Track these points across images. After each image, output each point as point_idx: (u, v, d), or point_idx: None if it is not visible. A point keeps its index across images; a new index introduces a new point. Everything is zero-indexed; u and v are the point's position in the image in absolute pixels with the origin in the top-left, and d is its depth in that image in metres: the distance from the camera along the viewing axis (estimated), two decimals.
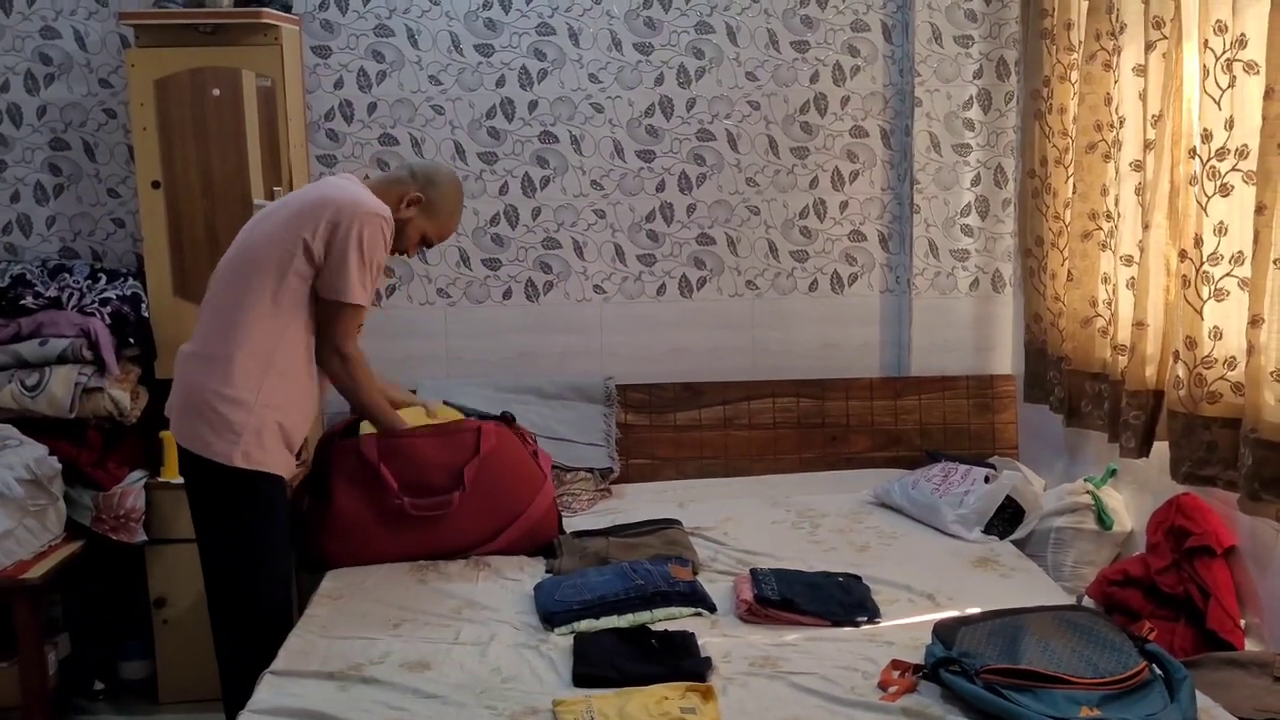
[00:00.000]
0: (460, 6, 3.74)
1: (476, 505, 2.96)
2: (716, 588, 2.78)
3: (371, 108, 3.76)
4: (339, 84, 3.75)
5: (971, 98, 3.84)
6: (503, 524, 3.00)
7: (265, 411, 2.64)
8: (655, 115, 3.84)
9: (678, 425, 3.83)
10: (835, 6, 3.83)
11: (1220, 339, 2.50)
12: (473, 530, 2.98)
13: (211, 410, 2.62)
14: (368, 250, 2.64)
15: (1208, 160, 2.47)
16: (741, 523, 3.24)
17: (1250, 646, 2.50)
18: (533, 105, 3.81)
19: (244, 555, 2.70)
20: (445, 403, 3.20)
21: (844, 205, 3.93)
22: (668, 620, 2.54)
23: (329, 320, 2.70)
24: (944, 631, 2.24)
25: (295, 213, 2.68)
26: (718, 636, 2.49)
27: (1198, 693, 2.06)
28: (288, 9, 3.56)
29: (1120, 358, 2.95)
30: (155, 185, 3.41)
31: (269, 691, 2.25)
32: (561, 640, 2.46)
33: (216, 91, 3.38)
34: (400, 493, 2.92)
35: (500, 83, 3.79)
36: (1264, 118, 2.26)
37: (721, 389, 3.87)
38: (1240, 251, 2.45)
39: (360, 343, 2.82)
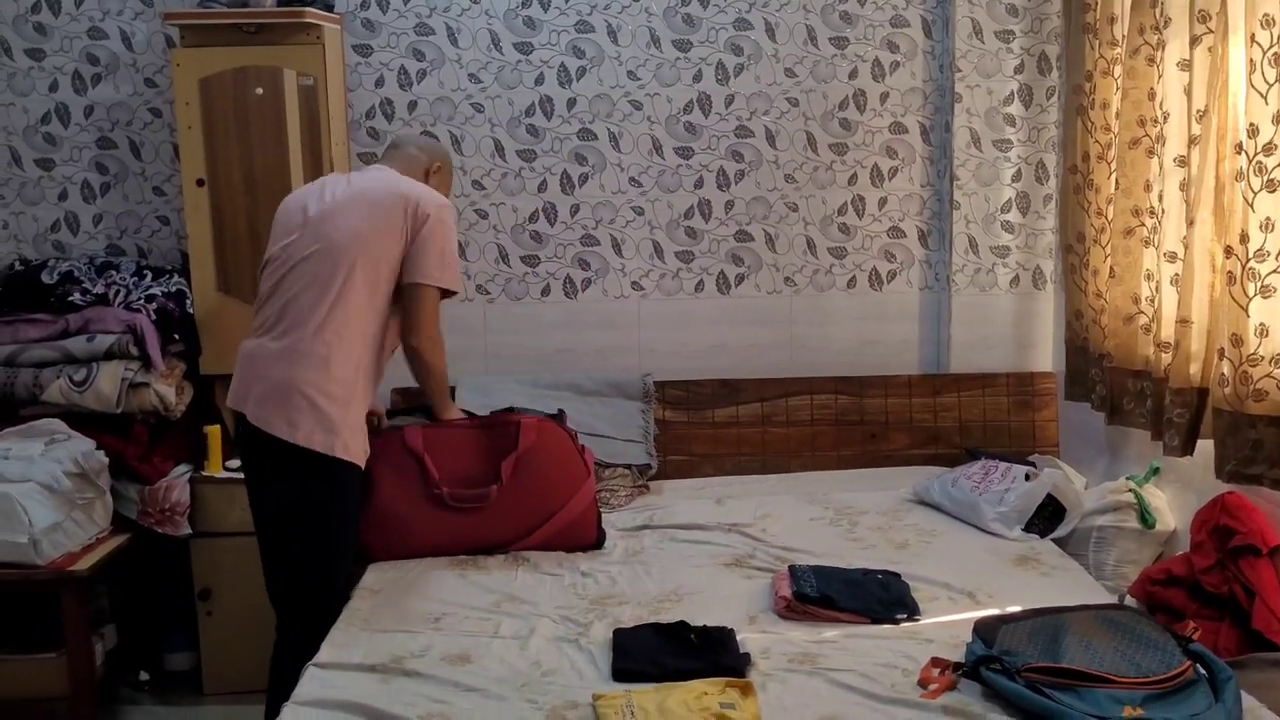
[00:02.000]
0: (500, 5, 3.76)
1: (515, 499, 2.98)
2: (754, 584, 2.79)
3: (412, 105, 3.79)
4: (380, 82, 3.78)
5: (1012, 93, 3.81)
6: (540, 519, 3.01)
7: (360, 406, 2.78)
8: (694, 112, 3.84)
9: (716, 422, 3.83)
10: (875, 2, 3.81)
11: (1267, 336, 2.47)
12: (510, 524, 3.00)
13: (309, 402, 2.69)
14: (450, 240, 2.83)
15: (1254, 156, 2.44)
16: (780, 520, 3.23)
17: None
18: (571, 103, 3.82)
19: (325, 544, 2.78)
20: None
21: (883, 202, 3.91)
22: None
23: (422, 305, 2.81)
24: (985, 629, 2.23)
25: (376, 205, 2.81)
26: (756, 633, 2.49)
27: (1243, 693, 2.04)
28: (330, 8, 3.59)
29: (1163, 355, 2.92)
30: (200, 183, 3.46)
31: (312, 684, 2.28)
32: (601, 635, 2.47)
33: (260, 90, 3.42)
34: (440, 482, 2.95)
35: (539, 80, 3.80)
36: None
37: (759, 386, 3.87)
38: None
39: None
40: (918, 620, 2.55)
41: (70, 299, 3.44)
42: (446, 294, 2.87)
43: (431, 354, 2.87)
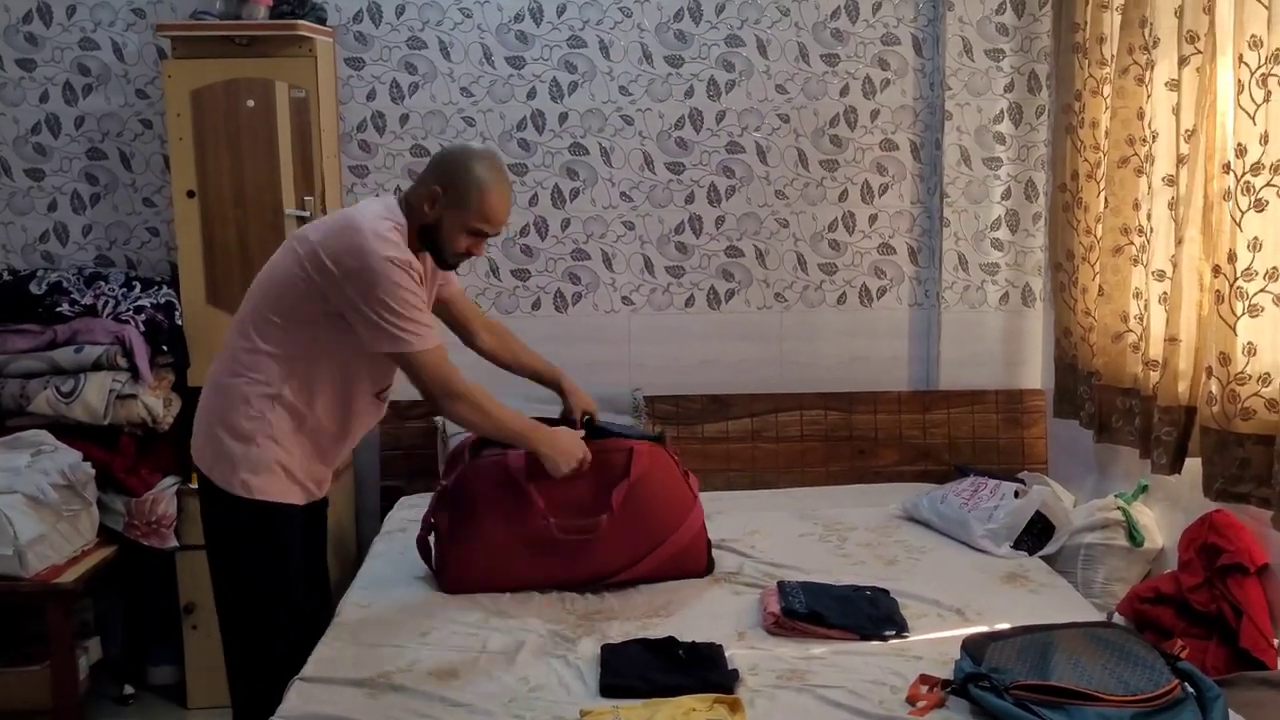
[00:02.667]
0: (492, 19, 3.77)
1: (623, 529, 2.83)
2: (743, 600, 2.78)
3: (404, 119, 3.79)
4: (372, 95, 3.78)
5: (1002, 111, 3.83)
6: (649, 548, 2.84)
7: (278, 451, 2.49)
8: (685, 128, 3.85)
9: (705, 437, 3.83)
10: (866, 20, 3.83)
11: (1254, 355, 2.48)
12: (618, 555, 2.83)
13: (211, 433, 2.52)
14: (389, 298, 2.38)
15: (1242, 175, 2.46)
16: (769, 535, 3.23)
17: None
18: (563, 117, 3.83)
19: (236, 590, 2.58)
20: (590, 421, 2.94)
21: (873, 218, 3.92)
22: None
23: (415, 373, 2.48)
24: (973, 647, 2.23)
25: (291, 245, 2.50)
26: (745, 649, 2.48)
27: (1230, 712, 2.04)
28: (322, 21, 3.60)
29: (1152, 373, 2.93)
30: (190, 195, 3.45)
31: (299, 698, 2.27)
32: (589, 650, 2.46)
33: (251, 102, 3.42)
34: (547, 513, 2.80)
35: (531, 95, 3.81)
36: None
37: (749, 401, 3.87)
38: (1275, 267, 2.44)
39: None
40: (906, 637, 2.54)
41: (58, 310, 3.43)
42: None
43: (465, 412, 2.54)
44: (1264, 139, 2.41)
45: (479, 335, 2.93)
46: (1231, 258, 2.50)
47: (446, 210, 2.49)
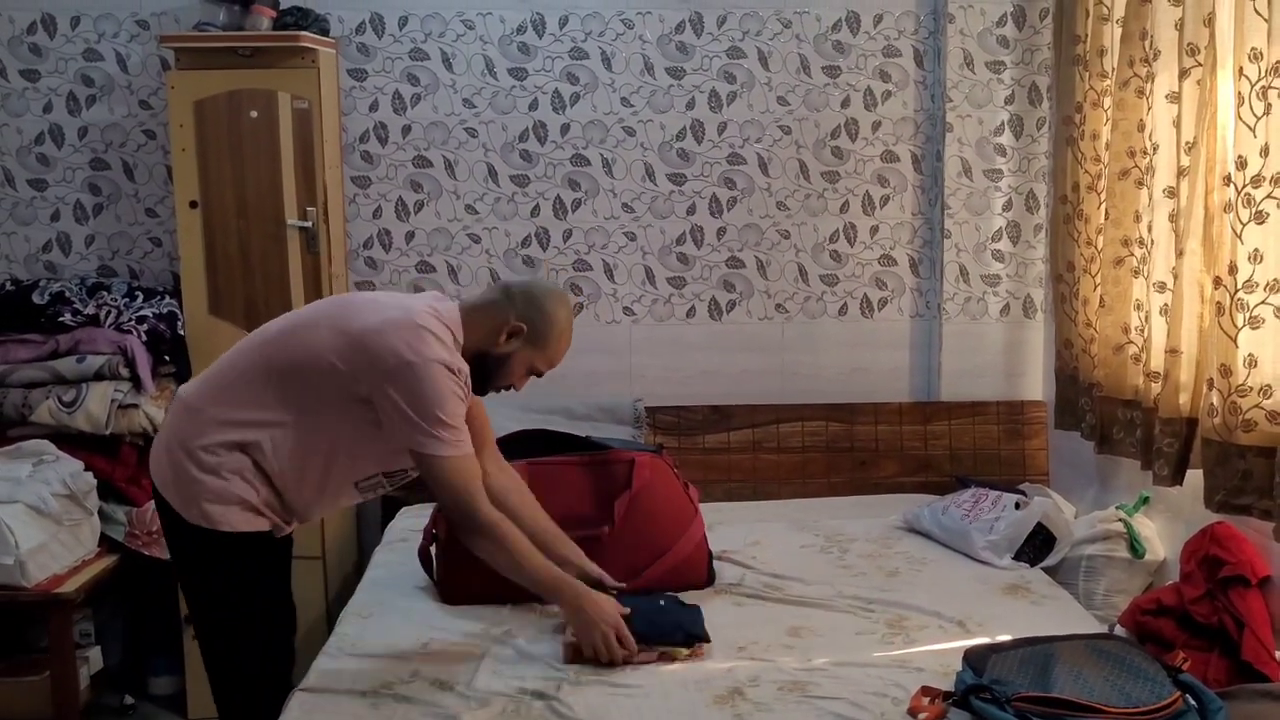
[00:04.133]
0: (495, 31, 3.78)
1: (625, 540, 2.83)
2: (744, 611, 2.78)
3: (406, 130, 3.80)
4: (374, 106, 3.79)
5: (1003, 123, 3.84)
6: (649, 560, 2.84)
7: (243, 488, 2.30)
8: (686, 139, 3.86)
9: (706, 448, 3.83)
10: (867, 32, 3.84)
11: (1255, 367, 2.48)
12: (620, 565, 2.80)
13: (172, 460, 2.34)
14: (434, 400, 2.23)
15: (1242, 187, 2.46)
16: (770, 546, 3.22)
17: None
18: (565, 128, 3.83)
19: (209, 621, 2.44)
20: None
21: (874, 230, 3.93)
22: None
23: (433, 478, 2.30)
24: (975, 658, 2.23)
25: (354, 343, 2.27)
26: (746, 660, 2.48)
27: None
28: (325, 33, 3.61)
29: (1153, 385, 2.93)
30: (193, 205, 3.46)
31: (300, 710, 2.27)
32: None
33: (254, 113, 3.43)
34: None
35: (533, 106, 3.82)
36: None
37: (750, 412, 3.87)
38: (1276, 279, 2.44)
39: None
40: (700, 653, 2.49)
41: (61, 319, 3.43)
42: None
43: (485, 548, 2.35)
44: (1264, 151, 2.41)
45: (484, 458, 2.56)
46: (1232, 269, 2.50)
47: (523, 346, 2.42)
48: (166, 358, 3.48)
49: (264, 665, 2.43)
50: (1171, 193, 2.85)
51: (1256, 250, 2.46)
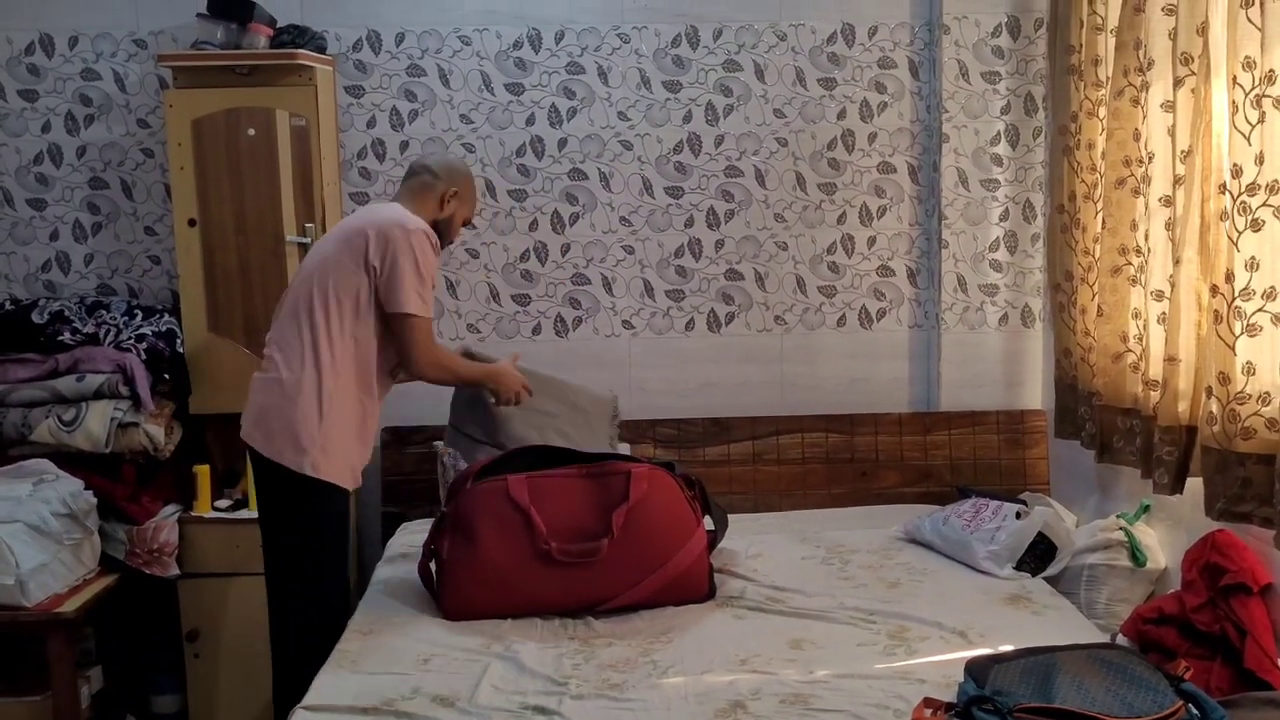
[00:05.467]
0: (491, 46, 3.80)
1: (625, 552, 2.84)
2: (745, 624, 2.78)
3: (404, 146, 3.81)
4: (372, 123, 3.80)
5: (999, 133, 3.85)
6: (649, 571, 2.86)
7: (339, 430, 2.89)
8: (684, 152, 3.87)
9: (706, 460, 3.83)
10: (862, 44, 3.85)
11: (1254, 374, 2.48)
12: (619, 578, 2.84)
13: (282, 423, 2.86)
14: (421, 263, 2.87)
15: (1238, 195, 2.46)
16: (770, 558, 3.22)
17: None
18: (562, 143, 3.85)
19: (301, 569, 2.92)
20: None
21: (872, 241, 3.94)
22: None
23: (407, 336, 2.90)
24: (976, 669, 2.22)
25: (345, 235, 2.92)
26: (748, 673, 2.48)
27: None
28: (322, 50, 3.62)
29: (1152, 393, 2.93)
30: (191, 223, 3.47)
31: None
32: (592, 675, 2.45)
33: (252, 131, 3.44)
34: (548, 537, 2.84)
35: (530, 121, 3.83)
36: None
37: (750, 424, 3.87)
38: (1272, 287, 2.44)
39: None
40: None
41: (60, 338, 3.44)
42: None
43: (438, 373, 3.01)
44: (1259, 159, 2.42)
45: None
46: (1229, 277, 2.51)
47: (459, 207, 3.10)
48: (166, 376, 3.49)
49: (328, 605, 2.95)
50: (1168, 201, 2.86)
51: (1253, 258, 2.46)
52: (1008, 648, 2.43)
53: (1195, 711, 2.06)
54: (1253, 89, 2.41)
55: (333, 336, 2.87)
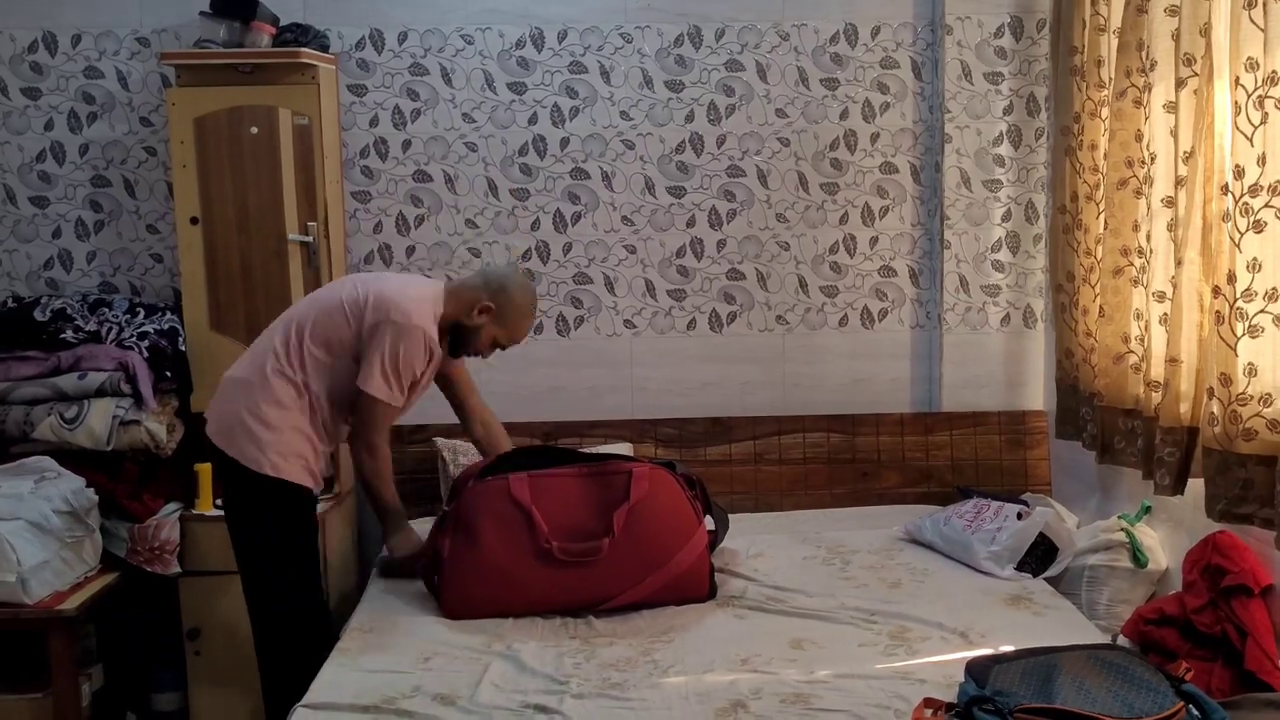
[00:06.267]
0: (494, 45, 3.80)
1: (625, 552, 2.85)
2: (746, 624, 2.78)
3: (406, 145, 3.82)
4: (374, 122, 3.81)
5: (1002, 134, 3.85)
6: (650, 570, 2.87)
7: (297, 440, 2.87)
8: (686, 152, 3.87)
9: (708, 460, 3.83)
10: (865, 44, 3.85)
11: (1255, 376, 2.48)
12: (620, 577, 2.86)
13: (242, 425, 2.86)
14: (399, 357, 2.82)
15: (1240, 197, 2.46)
16: (771, 558, 3.23)
17: None
18: (564, 142, 3.85)
19: (267, 568, 2.91)
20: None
21: (874, 241, 3.94)
22: None
23: (358, 407, 2.89)
24: (977, 670, 2.22)
25: (356, 291, 2.91)
26: (749, 673, 2.48)
27: None
28: (325, 49, 3.62)
29: (1153, 394, 2.93)
30: (194, 221, 3.47)
31: None
32: (593, 674, 2.45)
33: (254, 129, 3.44)
34: (550, 536, 2.84)
35: (533, 120, 3.83)
36: None
37: (751, 424, 3.87)
38: (1274, 288, 2.44)
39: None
40: None
41: (62, 336, 3.44)
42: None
43: (367, 463, 2.97)
44: (1261, 160, 2.42)
45: (473, 425, 3.26)
46: (1231, 279, 2.51)
47: (490, 322, 2.96)
48: (168, 374, 3.48)
49: (304, 612, 2.93)
50: (1170, 202, 2.86)
51: (1255, 259, 2.46)
52: (1008, 648, 2.44)
53: (1196, 712, 2.06)
54: (1255, 90, 2.41)
55: (312, 369, 2.87)
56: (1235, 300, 2.49)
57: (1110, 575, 3.05)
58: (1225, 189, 2.53)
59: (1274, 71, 2.37)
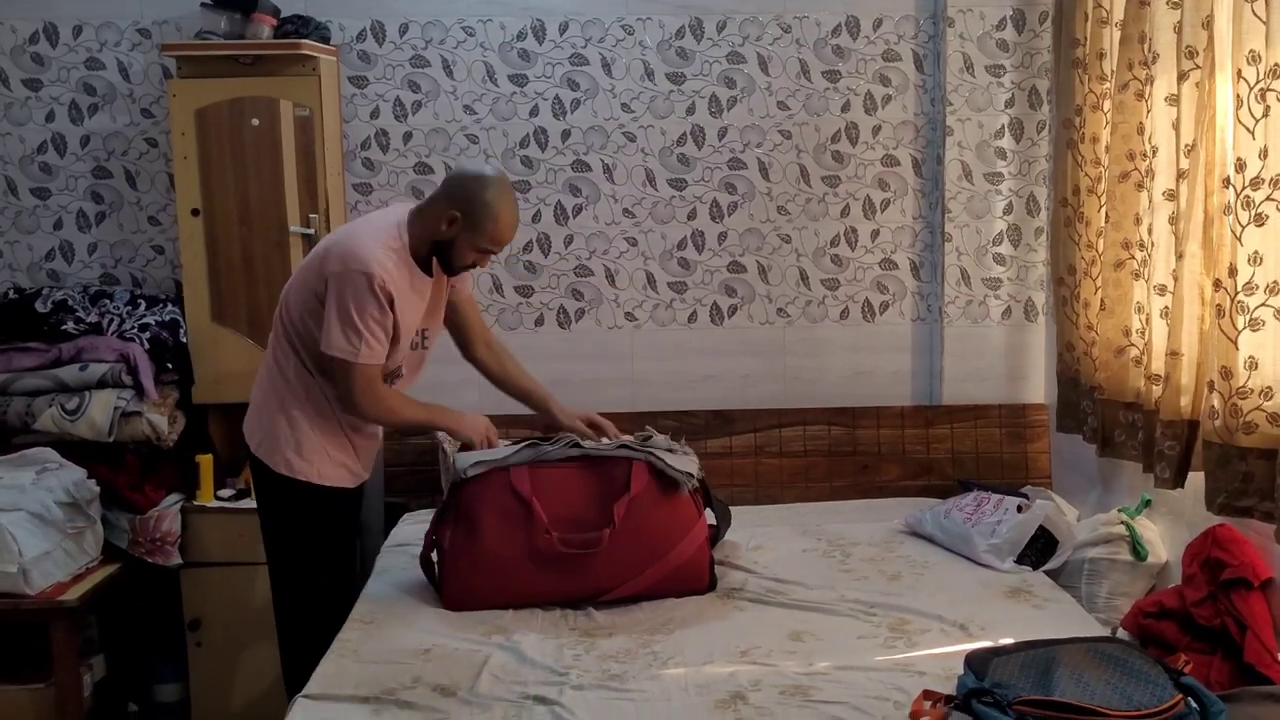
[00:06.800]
0: (495, 37, 3.79)
1: (625, 543, 2.84)
2: (746, 616, 2.79)
3: (407, 137, 3.81)
4: (375, 114, 3.80)
5: (1003, 126, 3.84)
6: (650, 562, 2.86)
7: (316, 436, 2.84)
8: (687, 144, 3.87)
9: (709, 452, 3.83)
10: (867, 37, 3.85)
11: (1256, 369, 2.48)
12: (620, 570, 2.84)
13: (259, 419, 2.87)
14: (348, 308, 2.65)
15: (1242, 190, 2.46)
16: (771, 550, 3.23)
17: None
18: (566, 134, 3.84)
19: (284, 563, 2.92)
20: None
21: (875, 234, 3.93)
22: None
23: (336, 378, 2.75)
24: (976, 662, 2.22)
25: (311, 254, 2.82)
26: (748, 664, 2.48)
27: None
28: (326, 40, 3.62)
29: (1154, 387, 2.93)
30: (195, 213, 3.47)
31: (303, 715, 2.27)
32: (592, 667, 2.46)
33: (255, 121, 3.44)
34: (550, 527, 2.83)
35: (534, 112, 3.83)
36: None
37: (752, 416, 3.87)
38: (1275, 281, 2.44)
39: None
40: None
41: (64, 328, 3.44)
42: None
43: (377, 415, 2.82)
44: (1263, 154, 2.41)
45: (475, 346, 3.14)
46: (1232, 272, 2.50)
47: (461, 232, 2.75)
48: (169, 365, 3.49)
49: (324, 600, 2.91)
50: (1171, 195, 2.85)
51: (1256, 252, 2.46)
52: (1008, 641, 2.44)
53: (1195, 705, 2.06)
54: (1257, 83, 2.41)
55: (292, 344, 2.81)
56: (1236, 293, 2.49)
57: (1110, 568, 3.06)
58: (1227, 182, 2.53)
59: (1276, 64, 2.36)
